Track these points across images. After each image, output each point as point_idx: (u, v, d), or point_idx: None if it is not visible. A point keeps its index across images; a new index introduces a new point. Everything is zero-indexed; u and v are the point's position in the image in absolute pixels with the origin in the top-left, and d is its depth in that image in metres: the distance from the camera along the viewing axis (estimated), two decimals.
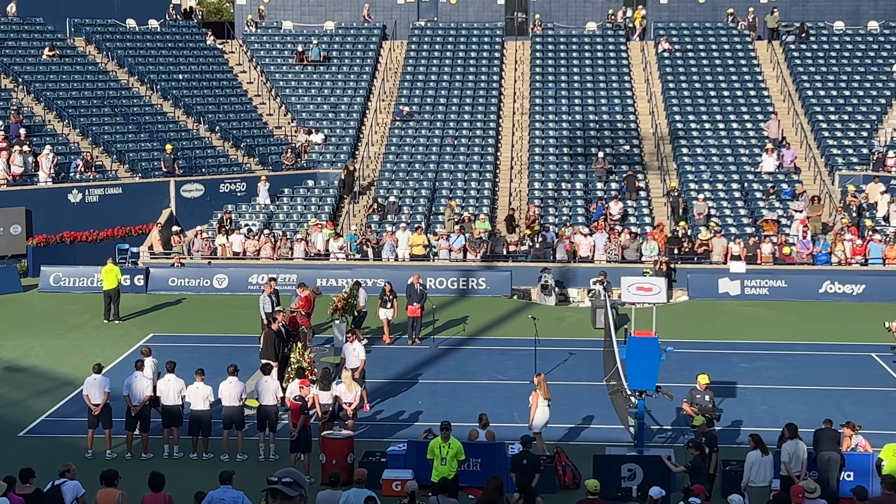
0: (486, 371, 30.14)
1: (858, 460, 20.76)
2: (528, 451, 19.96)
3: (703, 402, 22.70)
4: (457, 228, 42.01)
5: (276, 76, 53.50)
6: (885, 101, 50.83)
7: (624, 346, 22.80)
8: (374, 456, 22.11)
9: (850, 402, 26.58)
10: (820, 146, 48.47)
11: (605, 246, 40.78)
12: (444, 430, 19.99)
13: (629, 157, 48.18)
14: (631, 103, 51.56)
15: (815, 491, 17.43)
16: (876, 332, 32.71)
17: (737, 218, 43.58)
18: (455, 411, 25.33)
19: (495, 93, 52.60)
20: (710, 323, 35.83)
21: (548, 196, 45.91)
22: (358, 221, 44.63)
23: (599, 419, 25.57)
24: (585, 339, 32.99)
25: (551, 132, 49.91)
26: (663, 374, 22.81)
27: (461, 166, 48.29)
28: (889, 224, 42.53)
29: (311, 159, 48.58)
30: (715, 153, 48.09)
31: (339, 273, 39.50)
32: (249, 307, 36.55)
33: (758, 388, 27.89)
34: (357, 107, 51.58)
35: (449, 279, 39.69)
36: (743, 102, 51.16)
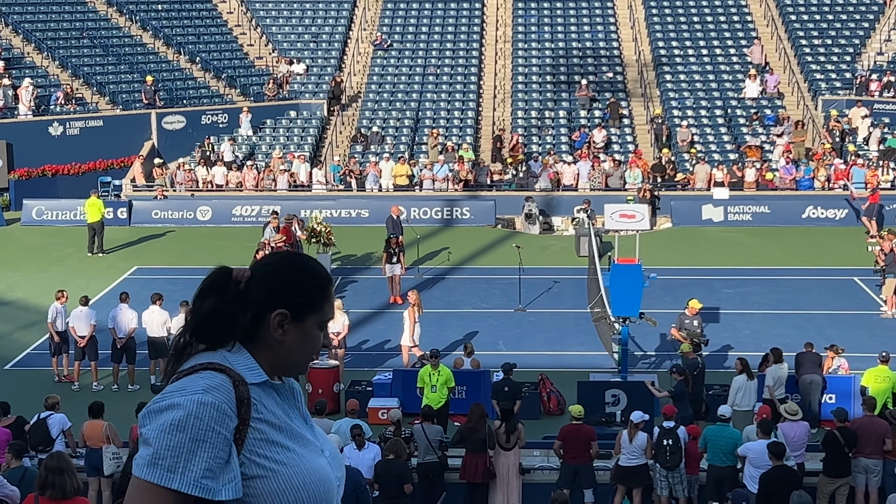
0: (470, 300, 30.26)
1: (840, 383, 21.00)
2: (509, 379, 20.12)
3: (691, 327, 22.85)
4: (440, 158, 41.92)
5: (257, 6, 52.96)
6: (868, 25, 50.62)
7: (608, 274, 22.95)
8: (360, 385, 22.26)
9: (831, 325, 26.81)
10: (803, 71, 48.34)
11: (589, 174, 40.76)
12: (434, 358, 20.13)
13: (612, 84, 47.99)
14: (614, 30, 51.25)
15: (797, 413, 17.63)
16: (858, 256, 32.91)
17: (720, 144, 43.57)
18: (441, 340, 25.45)
19: (477, 21, 52.20)
20: (693, 249, 35.95)
21: (531, 125, 45.79)
22: (341, 152, 44.48)
23: (584, 346, 25.77)
24: (569, 267, 33.11)
25: (534, 60, 49.65)
26: (646, 300, 22.95)
27: (444, 95, 48.06)
28: (870, 148, 42.58)
29: (292, 90, 48.27)
30: (698, 79, 47.94)
31: (323, 204, 39.41)
32: (233, 239, 36.63)
33: (740, 314, 28.10)
34: (339, 36, 51.18)
35: (433, 209, 39.67)
36: (726, 28, 50.91)
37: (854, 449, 16.84)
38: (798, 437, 17.30)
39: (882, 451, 16.98)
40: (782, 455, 15.72)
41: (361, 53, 50.73)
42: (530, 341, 26.52)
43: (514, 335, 27.07)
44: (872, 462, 17.03)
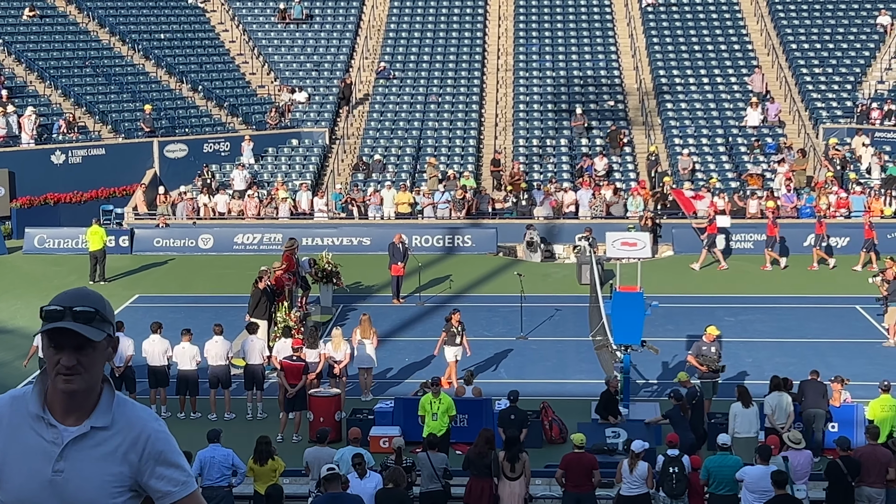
0: (472, 328, 30.08)
1: (843, 412, 20.93)
2: (515, 407, 20.08)
3: (708, 353, 22.80)
4: (440, 187, 41.96)
5: (259, 35, 53.18)
6: (868, 54, 50.77)
7: (609, 302, 22.92)
8: (362, 413, 22.21)
9: (834, 354, 26.75)
10: (804, 99, 48.46)
11: (590, 202, 40.80)
12: (435, 386, 20.10)
13: (614, 112, 48.10)
14: (615, 58, 51.41)
15: (800, 442, 17.57)
16: (860, 284, 32.88)
17: (721, 173, 43.60)
18: (442, 368, 25.40)
19: (479, 49, 52.38)
20: (695, 277, 35.94)
21: (532, 153, 45.87)
22: (342, 180, 44.54)
23: (586, 374, 25.69)
24: (571, 294, 33.09)
25: (535, 88, 49.78)
26: (648, 328, 22.96)
27: (445, 124, 48.16)
28: (872, 177, 42.61)
29: (294, 118, 48.38)
30: (699, 108, 48.05)
31: (324, 232, 39.47)
32: (235, 267, 36.64)
33: (743, 342, 28.04)
34: (340, 65, 51.33)
35: (434, 237, 39.70)
36: (727, 56, 51.06)
37: (857, 478, 16.77)
38: (801, 466, 17.23)
39: (885, 481, 16.91)
40: (784, 484, 15.65)
41: (363, 82, 50.86)
42: (532, 369, 26.47)
43: (516, 363, 27.02)
44: (875, 491, 16.95)
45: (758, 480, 16.04)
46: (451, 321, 24.93)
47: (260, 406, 23.43)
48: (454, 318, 25.00)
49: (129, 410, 4.20)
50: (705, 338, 23.05)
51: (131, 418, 4.19)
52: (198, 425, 22.03)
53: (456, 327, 24.87)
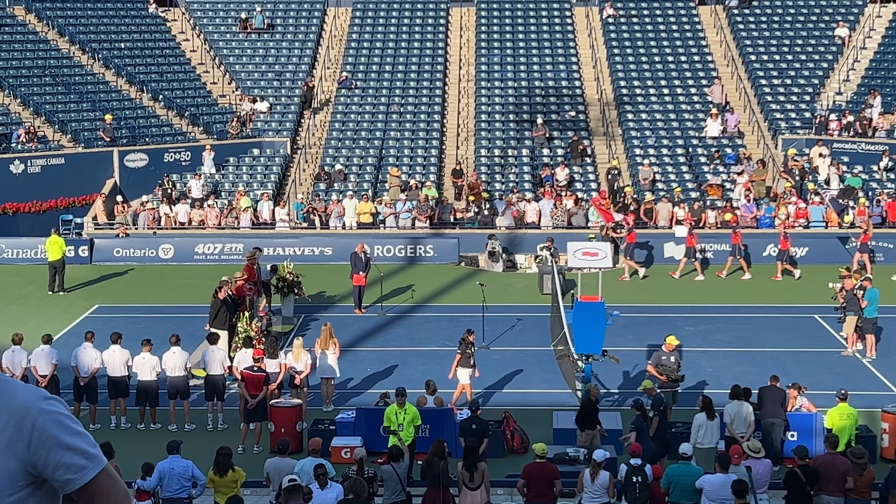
0: (434, 338, 30.22)
1: (802, 420, 21.07)
2: (477, 416, 20.08)
3: (668, 363, 22.89)
4: (402, 196, 41.98)
5: (220, 44, 53.02)
6: (826, 66, 51.27)
7: (571, 311, 22.97)
8: (324, 424, 22.16)
9: (793, 363, 26.93)
10: (763, 110, 48.86)
11: (552, 212, 40.91)
12: (400, 397, 20.08)
13: (575, 123, 48.29)
14: (576, 69, 51.64)
15: (760, 451, 17.68)
16: (819, 294, 33.12)
17: (682, 183, 43.85)
18: (404, 378, 25.39)
19: (441, 60, 52.47)
20: (655, 287, 36.11)
21: (494, 163, 45.97)
22: (304, 190, 44.46)
23: (547, 383, 25.74)
24: (533, 304, 33.15)
25: (497, 99, 49.91)
26: (610, 338, 23.02)
27: (407, 134, 48.19)
28: (830, 187, 42.99)
29: (256, 128, 48.26)
30: (660, 118, 48.33)
31: (286, 242, 39.40)
32: (196, 277, 36.48)
33: (703, 352, 28.18)
34: (302, 75, 51.26)
35: (396, 247, 39.71)
36: (687, 67, 51.40)
37: (816, 487, 16.88)
38: (761, 474, 17.34)
39: (844, 489, 17.02)
40: (744, 493, 15.74)
41: (325, 92, 50.82)
42: (494, 379, 26.47)
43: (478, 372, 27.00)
44: (834, 500, 17.06)
45: (717, 489, 16.13)
46: (468, 341, 24.05)
47: (220, 417, 23.32)
48: (471, 337, 24.16)
49: (6, 393, 3.73)
50: (665, 348, 23.14)
51: (10, 403, 3.72)
52: (158, 436, 21.90)
53: (471, 347, 24.07)
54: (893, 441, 20.28)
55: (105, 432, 22.25)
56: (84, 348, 23.33)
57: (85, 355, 23.16)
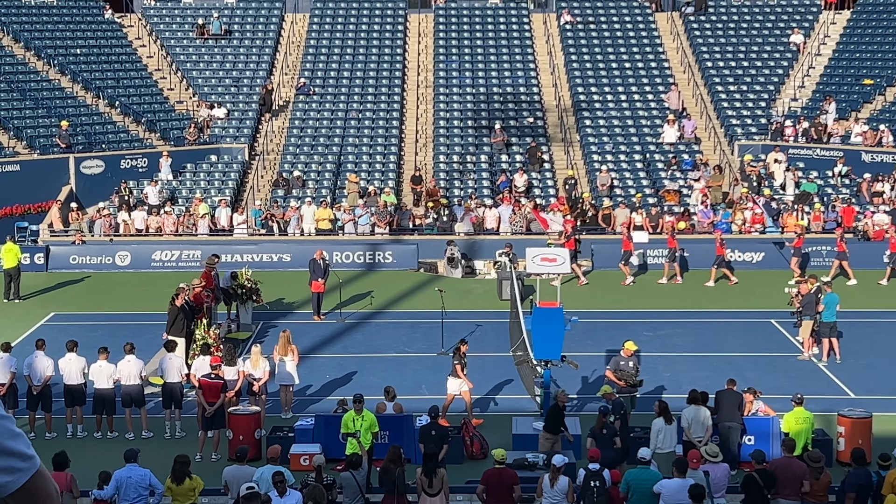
0: (393, 344, 30.20)
1: (759, 424, 21.20)
2: (436, 423, 20.07)
3: (626, 368, 22.96)
4: (361, 202, 41.93)
5: (177, 50, 52.76)
6: (782, 72, 51.72)
7: (529, 317, 23.03)
8: (282, 431, 22.08)
9: (750, 367, 27.09)
10: (720, 116, 49.22)
11: (511, 218, 40.99)
12: (357, 403, 20.03)
13: (533, 129, 48.42)
14: (534, 75, 51.78)
15: (718, 455, 17.78)
16: (775, 298, 33.36)
17: (639, 188, 44.05)
18: (363, 385, 25.37)
19: (399, 66, 52.46)
20: (613, 292, 36.26)
21: (453, 169, 46.01)
22: (262, 196, 44.31)
23: (506, 389, 25.79)
24: (492, 310, 33.21)
25: (455, 105, 49.97)
26: (568, 343, 23.09)
27: (366, 140, 48.15)
28: (786, 192, 43.34)
29: (213, 134, 48.06)
30: (617, 125, 48.55)
31: (244, 248, 39.27)
32: (153, 284, 36.26)
33: (661, 356, 28.30)
34: (259, 81, 51.10)
35: (355, 253, 39.67)
36: (644, 74, 51.68)
37: (773, 490, 16.99)
38: (719, 479, 17.43)
39: (800, 493, 17.15)
40: (701, 497, 15.83)
41: (283, 98, 50.69)
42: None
43: (438, 379, 26.93)
44: (791, 503, 17.18)
45: (675, 493, 16.21)
46: (462, 351, 23.71)
47: (178, 425, 23.18)
48: (464, 348, 23.86)
49: None
50: (623, 353, 23.23)
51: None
52: (115, 445, 21.76)
53: (463, 359, 23.66)
54: (849, 444, 20.43)
55: (61, 441, 22.07)
56: (36, 356, 23.15)
57: (38, 364, 22.97)
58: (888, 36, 51.69)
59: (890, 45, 51.01)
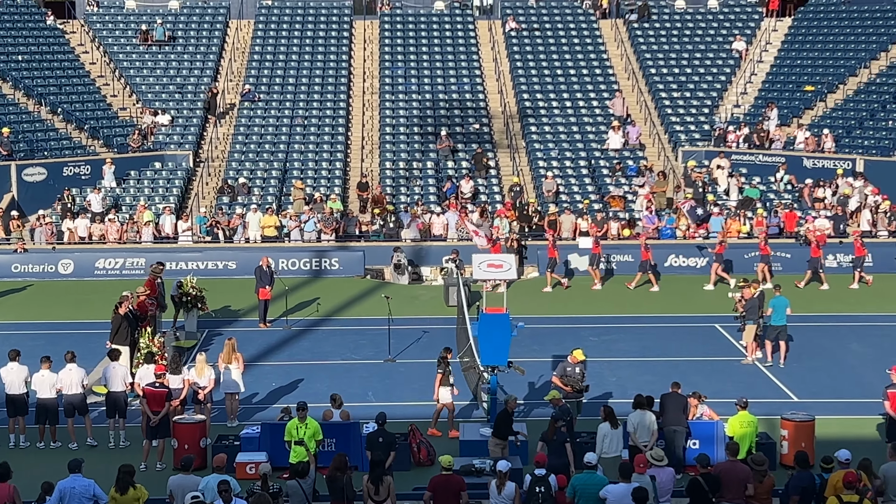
0: (340, 351, 30.14)
1: (703, 428, 21.36)
2: (383, 430, 20.03)
3: (573, 374, 23.05)
4: (307, 209, 41.81)
5: (120, 56, 52.34)
6: (725, 79, 52.21)
7: (476, 323, 23.06)
8: (228, 439, 21.96)
9: (694, 372, 27.28)
10: (664, 123, 49.60)
11: (457, 224, 41.05)
12: (301, 411, 19.96)
13: (479, 135, 48.53)
14: (480, 82, 51.91)
15: (663, 460, 17.88)
16: (719, 303, 33.67)
17: (585, 194, 44.27)
18: (310, 392, 25.31)
19: (345, 72, 52.39)
20: (560, 298, 36.40)
21: (399, 175, 46.00)
22: (207, 203, 44.05)
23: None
24: (439, 316, 33.24)
25: (402, 111, 49.98)
26: (515, 349, 23.14)
27: (312, 146, 48.03)
28: (730, 198, 43.74)
29: (157, 141, 47.71)
30: (562, 131, 48.77)
31: (189, 256, 39.05)
32: (96, 292, 35.95)
33: (606, 361, 28.42)
34: (204, 87, 50.80)
35: (301, 260, 39.55)
36: (589, 80, 51.97)
37: (717, 494, 17.12)
38: (664, 483, 17.53)
39: (744, 496, 17.28)
40: (644, 501, 15.92)
41: (228, 104, 50.44)
42: (400, 392, 26.48)
43: (384, 386, 27.02)
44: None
45: (620, 498, 16.28)
46: (447, 359, 23.43)
47: (122, 434, 22.98)
48: (449, 356, 23.67)
49: None
50: (570, 359, 23.32)
51: None
52: (58, 455, 21.55)
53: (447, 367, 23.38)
54: (792, 448, 20.63)
55: (3, 452, 21.81)
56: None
57: None
58: (829, 43, 52.36)
59: (831, 51, 51.66)
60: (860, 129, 46.51)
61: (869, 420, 23.66)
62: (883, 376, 22.54)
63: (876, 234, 40.50)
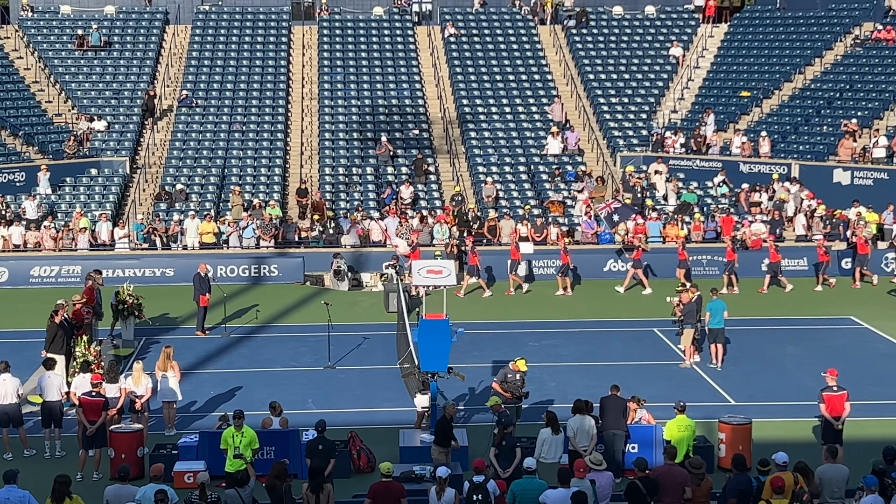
0: (279, 359, 29.99)
1: (642, 432, 21.49)
2: (323, 437, 19.94)
3: (513, 380, 23.09)
4: (245, 215, 41.56)
5: (55, 62, 51.73)
6: (662, 84, 52.62)
7: (416, 329, 23.04)
8: (166, 448, 21.76)
9: (633, 376, 27.40)
10: (602, 128, 49.88)
11: (397, 230, 41.00)
12: (237, 419, 19.82)
13: (419, 141, 48.52)
14: (419, 88, 51.92)
15: (601, 464, 17.96)
16: (657, 307, 33.89)
17: (524, 200, 44.40)
18: (248, 400, 25.15)
19: (283, 78, 52.17)
20: (500, 303, 36.46)
21: (339, 181, 45.87)
22: (144, 210, 43.65)
23: (394, 402, 25.75)
24: (379, 323, 33.18)
25: (341, 117, 49.85)
26: (455, 355, 23.13)
27: (250, 152, 47.76)
28: (668, 203, 44.07)
29: (93, 147, 47.21)
30: (502, 136, 48.89)
31: (126, 263, 38.68)
32: (31, 300, 35.50)
33: (546, 366, 28.48)
34: (140, 93, 50.35)
35: (240, 267, 39.33)
36: (528, 86, 52.15)
37: (655, 498, 17.22)
38: (603, 487, 17.61)
39: (682, 500, 17.40)
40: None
41: (165, 110, 50.03)
42: (340, 398, 26.40)
43: (324, 393, 26.92)
44: None
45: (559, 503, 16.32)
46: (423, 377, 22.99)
47: (58, 444, 22.69)
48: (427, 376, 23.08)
49: None
50: (512, 366, 23.37)
51: None
52: None
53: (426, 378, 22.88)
54: (730, 451, 20.80)
55: None
56: None
57: None
58: (764, 49, 52.95)
59: (766, 57, 52.24)
60: (795, 135, 47.08)
61: (805, 422, 23.91)
62: (818, 379, 22.76)
63: (811, 238, 40.96)
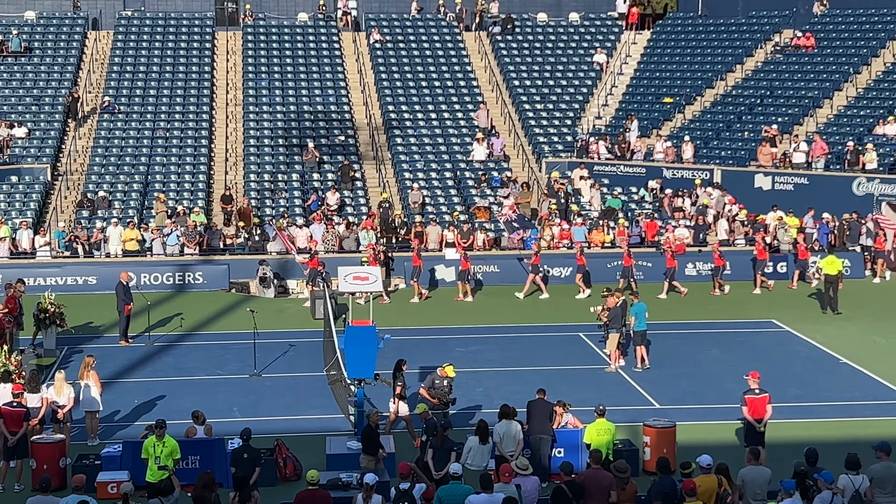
0: (204, 367, 29.74)
1: (568, 436, 21.59)
2: (248, 445, 19.81)
3: (441, 386, 23.10)
4: (169, 222, 41.19)
5: None
6: (586, 91, 53.04)
7: (342, 336, 22.99)
8: (89, 458, 21.50)
9: (559, 380, 27.51)
10: (527, 134, 50.15)
11: (323, 236, 40.87)
12: (159, 429, 19.62)
13: (345, 147, 48.44)
14: (345, 94, 51.84)
15: (527, 468, 18.03)
16: (583, 313, 34.10)
17: (451, 206, 44.49)
18: (173, 409, 24.92)
19: (207, 84, 51.82)
20: (426, 309, 36.49)
21: (264, 188, 45.63)
22: (66, 218, 43.09)
23: (320, 409, 25.67)
24: (305, 330, 33.07)
25: (266, 123, 49.62)
26: (381, 361, 23.11)
27: (174, 159, 47.37)
28: (592, 208, 44.39)
29: (13, 154, 46.52)
30: (428, 142, 48.98)
31: (47, 272, 38.15)
32: None
33: (473, 372, 28.55)
34: (62, 99, 49.73)
35: (164, 274, 38.96)
36: (453, 92, 52.29)
37: (581, 501, 17.30)
38: (529, 492, 17.67)
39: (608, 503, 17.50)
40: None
41: (86, 116, 49.44)
42: (266, 406, 26.24)
43: (250, 401, 26.73)
44: None
45: None
46: (403, 370, 23.53)
47: None
48: (405, 367, 23.72)
49: None
50: (440, 372, 23.39)
51: None
52: None
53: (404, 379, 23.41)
54: (655, 454, 20.98)
55: None
56: None
57: None
58: (686, 56, 53.59)
59: (689, 64, 52.88)
60: (717, 140, 47.69)
61: (728, 425, 24.20)
62: (741, 382, 23.04)
63: (733, 242, 41.48)
